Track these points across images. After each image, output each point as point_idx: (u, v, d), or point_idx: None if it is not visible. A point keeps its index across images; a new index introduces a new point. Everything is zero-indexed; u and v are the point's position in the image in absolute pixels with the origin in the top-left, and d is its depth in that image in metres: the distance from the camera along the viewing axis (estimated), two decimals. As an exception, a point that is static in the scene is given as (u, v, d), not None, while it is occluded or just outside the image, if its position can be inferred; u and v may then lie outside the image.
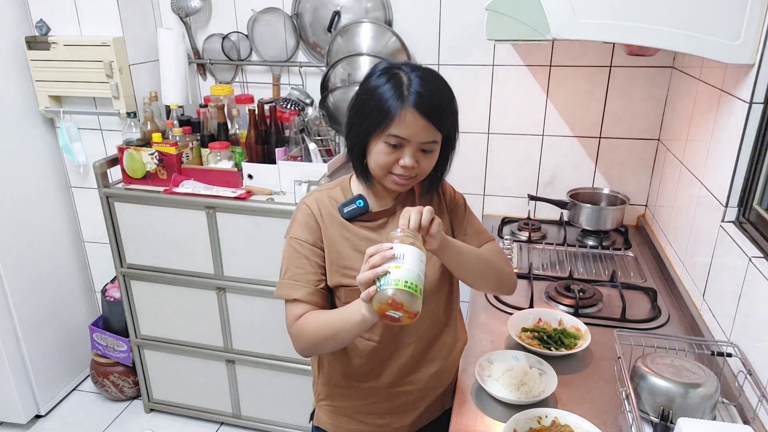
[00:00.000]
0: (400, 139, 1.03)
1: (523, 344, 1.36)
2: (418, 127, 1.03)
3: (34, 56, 2.20)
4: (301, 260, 1.12)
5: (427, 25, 2.04)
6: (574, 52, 1.96)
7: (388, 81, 1.03)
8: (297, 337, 1.11)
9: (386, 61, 1.11)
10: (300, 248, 1.13)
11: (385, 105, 1.02)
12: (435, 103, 1.04)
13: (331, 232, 1.13)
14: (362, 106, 1.07)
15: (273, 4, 2.16)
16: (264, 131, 2.01)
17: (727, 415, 1.12)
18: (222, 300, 2.13)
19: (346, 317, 1.02)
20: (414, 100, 1.01)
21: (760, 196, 1.25)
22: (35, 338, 2.38)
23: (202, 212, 2.00)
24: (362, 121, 1.06)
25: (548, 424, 1.10)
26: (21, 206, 2.28)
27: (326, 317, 1.08)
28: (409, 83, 1.03)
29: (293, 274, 1.12)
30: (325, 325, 1.07)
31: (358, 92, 1.09)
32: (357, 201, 1.13)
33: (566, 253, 1.90)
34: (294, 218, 1.16)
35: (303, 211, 1.15)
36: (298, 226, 1.14)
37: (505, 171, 2.17)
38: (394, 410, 1.26)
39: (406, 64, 1.08)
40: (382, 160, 1.06)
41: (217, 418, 2.40)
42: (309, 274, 1.12)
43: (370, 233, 1.15)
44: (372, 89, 1.05)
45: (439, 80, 1.08)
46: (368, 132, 1.06)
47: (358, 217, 1.14)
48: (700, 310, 1.44)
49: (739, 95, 1.29)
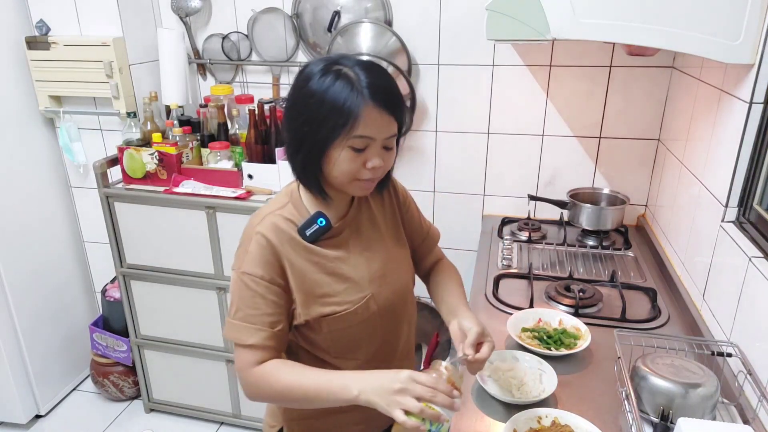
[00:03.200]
0: (367, 140, 0.93)
1: (523, 344, 1.36)
2: (382, 123, 0.93)
3: (34, 56, 2.20)
4: (255, 299, 0.98)
5: (427, 25, 2.04)
6: (574, 52, 1.96)
7: (336, 79, 0.91)
8: (254, 385, 0.99)
9: (315, 61, 0.97)
10: (254, 285, 0.98)
11: (344, 105, 0.90)
12: (390, 93, 0.95)
13: (297, 261, 1.00)
14: (312, 113, 0.92)
15: (273, 4, 2.16)
16: (264, 131, 2.01)
17: (727, 415, 1.11)
18: (222, 300, 2.13)
19: (333, 391, 0.92)
20: (370, 94, 0.91)
21: (760, 196, 1.25)
22: (35, 338, 2.38)
23: (202, 212, 2.00)
24: (317, 130, 0.92)
25: (548, 424, 1.10)
26: (21, 206, 2.28)
27: (300, 379, 0.96)
28: (358, 77, 0.92)
29: (246, 315, 0.99)
30: (300, 388, 0.95)
31: (299, 100, 0.95)
32: (318, 220, 1.01)
33: (566, 253, 1.90)
34: (245, 249, 1.01)
35: (257, 242, 0.99)
36: (252, 260, 0.99)
37: (505, 171, 2.17)
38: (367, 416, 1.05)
39: (343, 57, 0.96)
40: (347, 167, 0.95)
41: (217, 418, 2.40)
42: (265, 315, 0.98)
43: (337, 251, 1.04)
44: (320, 92, 0.91)
45: (381, 68, 0.98)
46: (328, 140, 0.93)
47: (321, 236, 1.03)
48: (700, 310, 1.44)
49: (739, 95, 1.29)
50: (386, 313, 1.09)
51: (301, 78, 0.96)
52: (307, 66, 0.97)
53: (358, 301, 1.04)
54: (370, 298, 1.05)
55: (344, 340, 1.06)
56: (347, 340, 1.07)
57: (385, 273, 1.09)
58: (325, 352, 1.08)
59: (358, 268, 1.05)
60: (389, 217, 1.16)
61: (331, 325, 1.03)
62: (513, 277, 1.74)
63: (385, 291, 1.08)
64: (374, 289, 1.06)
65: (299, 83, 0.96)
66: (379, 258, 1.09)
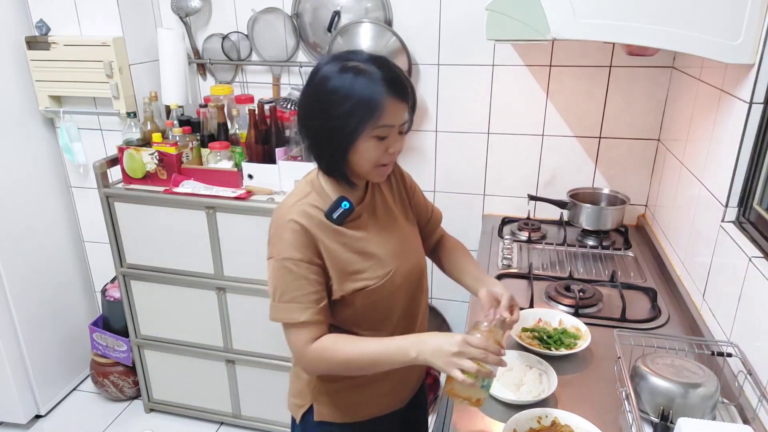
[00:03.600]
0: (389, 128, 1.03)
1: (523, 344, 1.36)
2: (400, 110, 1.04)
3: (34, 56, 2.20)
4: (298, 281, 1.07)
5: (427, 25, 2.04)
6: (574, 52, 1.96)
7: (356, 76, 1.00)
8: (314, 361, 1.09)
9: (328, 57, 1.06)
10: (296, 268, 1.07)
11: (370, 100, 0.99)
12: (403, 82, 1.05)
13: (328, 243, 1.09)
14: (338, 110, 1.01)
15: (273, 4, 2.16)
16: (264, 131, 2.01)
17: (727, 415, 1.12)
18: (222, 300, 2.13)
19: (391, 355, 1.03)
20: (388, 86, 1.01)
21: (760, 196, 1.25)
22: (35, 338, 2.38)
23: (202, 212, 2.00)
24: (345, 125, 1.01)
25: (548, 424, 1.10)
26: (21, 206, 2.28)
27: (361, 350, 1.06)
28: (375, 72, 1.01)
29: (293, 296, 1.07)
30: (360, 357, 1.06)
31: (321, 99, 1.03)
32: (342, 203, 1.10)
33: (566, 253, 1.90)
34: (280, 237, 1.09)
35: (292, 229, 1.07)
36: (290, 246, 1.07)
37: (505, 171, 2.17)
38: (394, 387, 1.29)
39: (352, 53, 1.06)
40: (373, 155, 1.05)
41: (217, 418, 2.40)
42: (310, 294, 1.08)
43: (360, 231, 1.14)
44: (343, 89, 1.00)
45: (389, 60, 1.07)
46: (356, 132, 1.02)
47: (345, 219, 1.12)
48: (700, 310, 1.44)
49: (739, 95, 1.29)
50: (408, 285, 1.20)
51: (318, 78, 1.04)
52: (321, 67, 1.05)
53: (384, 275, 1.13)
54: (394, 273, 1.15)
55: (373, 313, 1.16)
56: (376, 312, 1.16)
57: (403, 249, 1.19)
58: (356, 326, 1.16)
59: (380, 246, 1.15)
60: (398, 199, 1.26)
61: (363, 299, 1.12)
62: (513, 276, 1.74)
63: (405, 265, 1.18)
64: (396, 264, 1.15)
65: (317, 83, 1.04)
66: (395, 236, 1.20)
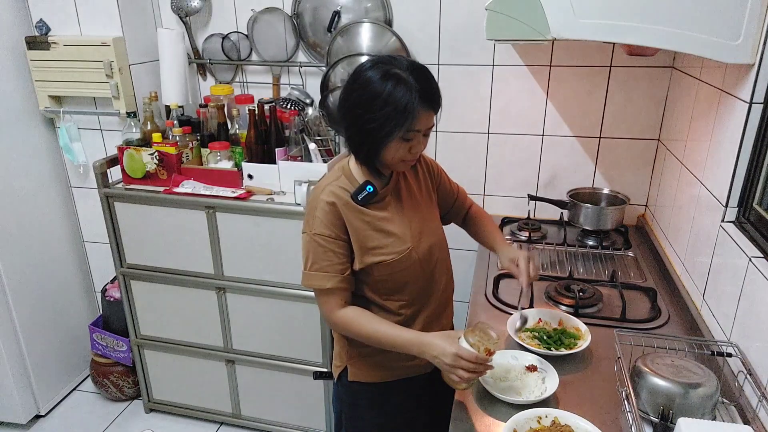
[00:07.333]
0: (416, 133, 1.18)
1: (523, 344, 1.36)
2: (429, 119, 1.18)
3: (34, 56, 2.20)
4: (327, 254, 1.25)
5: (427, 25, 2.04)
6: (574, 52, 1.96)
7: (396, 85, 1.12)
8: (341, 327, 1.30)
9: (372, 61, 1.18)
10: (324, 243, 1.24)
11: (405, 108, 1.12)
12: (436, 93, 1.18)
13: (353, 220, 1.25)
14: (377, 113, 1.14)
15: (273, 4, 2.16)
16: (264, 131, 2.01)
17: (727, 415, 1.12)
18: (222, 300, 2.13)
19: (400, 346, 1.22)
20: (422, 97, 1.14)
21: (760, 196, 1.25)
22: (35, 338, 2.38)
23: (202, 212, 2.00)
24: (381, 127, 1.15)
25: (548, 424, 1.10)
26: (21, 206, 2.28)
27: (377, 331, 1.24)
28: (413, 82, 1.13)
29: (321, 266, 1.25)
30: (376, 336, 1.24)
31: (363, 101, 1.16)
32: (367, 187, 1.25)
33: (566, 253, 1.90)
34: (313, 215, 1.25)
35: (322, 208, 1.24)
36: (320, 223, 1.24)
37: (505, 171, 2.17)
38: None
39: (394, 60, 1.18)
40: (400, 154, 1.20)
41: (217, 418, 2.40)
42: (336, 264, 1.25)
43: (382, 212, 1.29)
44: (384, 96, 1.13)
45: (427, 70, 1.19)
46: (389, 135, 1.15)
47: (370, 201, 1.26)
48: (700, 310, 1.44)
49: (739, 95, 1.29)
50: (425, 262, 1.34)
51: (360, 81, 1.16)
52: (364, 70, 1.17)
53: (402, 252, 1.28)
54: (412, 250, 1.30)
55: (390, 284, 1.31)
56: (392, 283, 1.31)
57: (422, 230, 1.34)
58: (376, 293, 1.33)
59: (400, 226, 1.30)
60: (423, 186, 1.41)
61: (380, 271, 1.28)
62: (513, 277, 1.73)
63: (423, 244, 1.33)
64: (414, 243, 1.31)
65: (360, 85, 1.16)
66: (416, 218, 1.34)
